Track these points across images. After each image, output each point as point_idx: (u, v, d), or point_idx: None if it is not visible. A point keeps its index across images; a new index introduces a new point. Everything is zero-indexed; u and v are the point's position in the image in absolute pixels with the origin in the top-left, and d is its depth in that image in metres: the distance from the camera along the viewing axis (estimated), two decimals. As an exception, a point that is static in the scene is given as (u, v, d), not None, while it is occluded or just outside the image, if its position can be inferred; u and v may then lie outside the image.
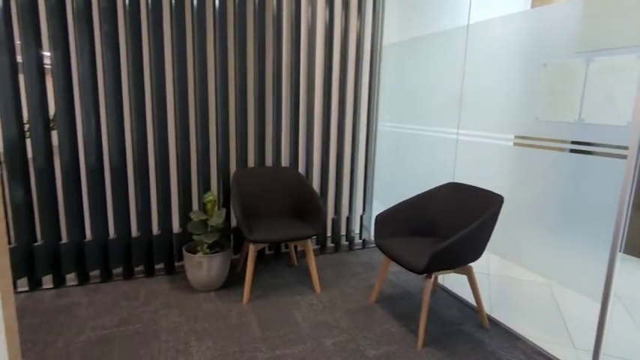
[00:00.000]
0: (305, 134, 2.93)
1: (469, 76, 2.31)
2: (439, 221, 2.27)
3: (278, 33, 2.67)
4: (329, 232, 3.14)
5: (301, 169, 2.96)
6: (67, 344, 1.83)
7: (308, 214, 2.51)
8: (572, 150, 1.79)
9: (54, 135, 2.28)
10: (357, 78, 3.02)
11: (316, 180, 3.04)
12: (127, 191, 2.47)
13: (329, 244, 3.19)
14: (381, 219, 2.21)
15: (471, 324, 2.13)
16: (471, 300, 2.37)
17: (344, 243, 3.23)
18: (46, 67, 2.20)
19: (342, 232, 3.20)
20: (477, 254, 1.96)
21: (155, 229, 2.58)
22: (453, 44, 2.42)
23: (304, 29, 2.79)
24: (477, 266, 2.87)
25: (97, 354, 1.77)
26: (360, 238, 3.30)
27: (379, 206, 3.27)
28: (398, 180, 3.03)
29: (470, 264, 2.03)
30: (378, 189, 3.28)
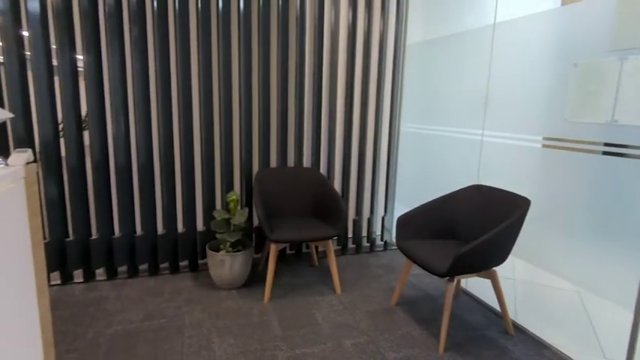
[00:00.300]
0: (327, 135, 2.94)
1: (495, 76, 2.26)
2: (462, 224, 2.23)
3: (301, 35, 2.69)
4: (350, 233, 3.14)
5: (323, 169, 2.97)
6: (96, 336, 1.90)
7: (329, 214, 2.52)
8: (605, 152, 1.73)
9: (85, 135, 2.37)
10: (380, 78, 3.00)
11: (338, 181, 3.04)
12: (153, 190, 2.54)
13: (350, 245, 3.18)
14: (403, 221, 2.19)
15: (495, 330, 2.08)
16: (495, 305, 2.32)
17: (365, 244, 3.22)
18: (79, 69, 2.29)
19: (364, 233, 3.19)
20: (501, 258, 1.91)
21: (180, 227, 2.65)
22: (478, 43, 2.38)
23: (327, 30, 2.80)
24: (501, 270, 2.80)
25: (124, 347, 1.83)
26: (382, 239, 3.28)
27: (401, 209, 3.24)
28: (420, 182, 2.99)
29: (494, 268, 1.98)
30: (400, 191, 3.25)
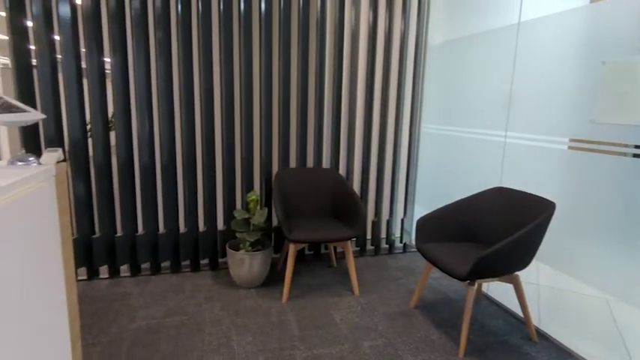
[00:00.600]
0: (346, 136, 2.93)
1: (519, 77, 2.21)
2: (483, 227, 2.19)
3: (321, 36, 2.70)
4: (369, 235, 3.12)
5: (342, 170, 2.97)
6: (120, 331, 1.96)
7: (348, 215, 2.51)
8: (636, 155, 1.66)
9: (112, 135, 2.45)
10: (401, 79, 2.98)
11: (357, 182, 3.03)
12: (176, 189, 2.60)
13: (369, 246, 3.17)
14: (423, 223, 2.16)
15: (518, 336, 2.03)
16: (517, 310, 2.26)
17: (384, 246, 3.20)
18: (106, 72, 2.37)
19: (383, 235, 3.17)
20: (524, 263, 1.87)
21: (201, 225, 2.70)
22: (502, 43, 2.33)
23: (347, 31, 2.80)
24: (524, 275, 2.73)
25: (147, 341, 1.88)
26: (401, 241, 3.25)
27: (420, 211, 3.21)
28: (440, 184, 2.95)
29: (516, 273, 1.94)
30: (419, 193, 3.21)
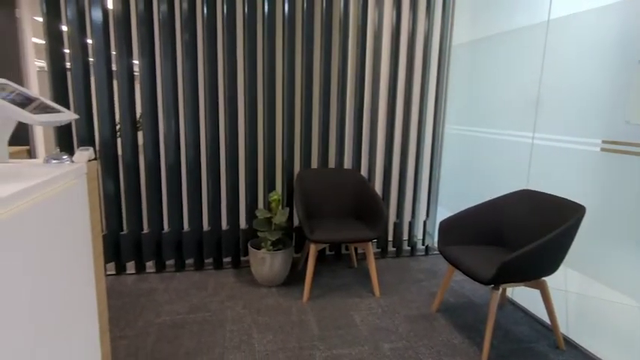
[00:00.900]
0: (368, 136, 2.92)
1: (548, 76, 2.15)
2: (509, 230, 2.14)
3: (344, 37, 2.70)
4: (390, 237, 3.10)
5: (364, 171, 2.96)
6: (145, 325, 2.02)
7: (369, 216, 2.50)
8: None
9: (139, 135, 2.52)
10: (424, 79, 2.94)
11: (378, 183, 3.01)
12: (200, 188, 2.66)
13: (390, 248, 3.14)
14: (446, 225, 2.13)
15: (544, 343, 1.97)
16: (544, 317, 2.19)
17: (406, 248, 3.16)
18: (135, 73, 2.45)
19: (404, 236, 3.13)
20: (551, 268, 1.81)
21: (224, 224, 2.74)
22: (530, 41, 2.27)
23: (370, 31, 2.79)
24: (552, 281, 2.64)
25: (171, 337, 1.93)
26: (423, 244, 3.21)
27: (444, 213, 3.16)
28: (465, 185, 2.90)
29: (543, 278, 1.88)
30: (443, 194, 3.16)
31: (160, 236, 2.62)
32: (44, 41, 2.24)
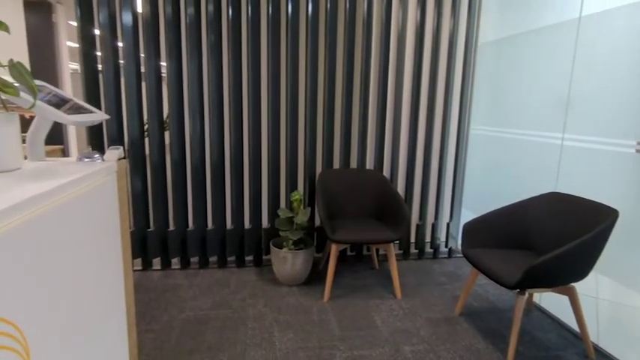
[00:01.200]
0: (391, 137, 2.90)
1: (578, 75, 2.07)
2: (536, 234, 2.08)
3: (367, 36, 2.69)
4: (413, 238, 3.06)
5: (386, 172, 2.94)
6: (170, 320, 2.07)
7: (391, 217, 2.48)
8: None
9: (166, 135, 2.59)
10: (449, 79, 2.90)
11: (401, 184, 2.98)
12: (224, 187, 2.70)
13: (412, 250, 3.11)
14: (470, 227, 2.09)
15: (572, 351, 1.90)
16: (573, 324, 2.12)
17: (428, 250, 3.12)
18: (162, 75, 2.52)
19: (427, 238, 3.09)
20: (581, 274, 1.75)
21: (247, 223, 2.78)
22: (560, 39, 2.19)
23: (394, 30, 2.76)
24: (581, 287, 2.55)
25: (194, 332, 1.97)
26: (446, 246, 3.16)
27: (468, 215, 3.10)
28: (490, 187, 2.83)
29: (572, 284, 1.82)
30: (467, 196, 3.10)
31: (185, 234, 2.69)
32: (78, 44, 2.34)
